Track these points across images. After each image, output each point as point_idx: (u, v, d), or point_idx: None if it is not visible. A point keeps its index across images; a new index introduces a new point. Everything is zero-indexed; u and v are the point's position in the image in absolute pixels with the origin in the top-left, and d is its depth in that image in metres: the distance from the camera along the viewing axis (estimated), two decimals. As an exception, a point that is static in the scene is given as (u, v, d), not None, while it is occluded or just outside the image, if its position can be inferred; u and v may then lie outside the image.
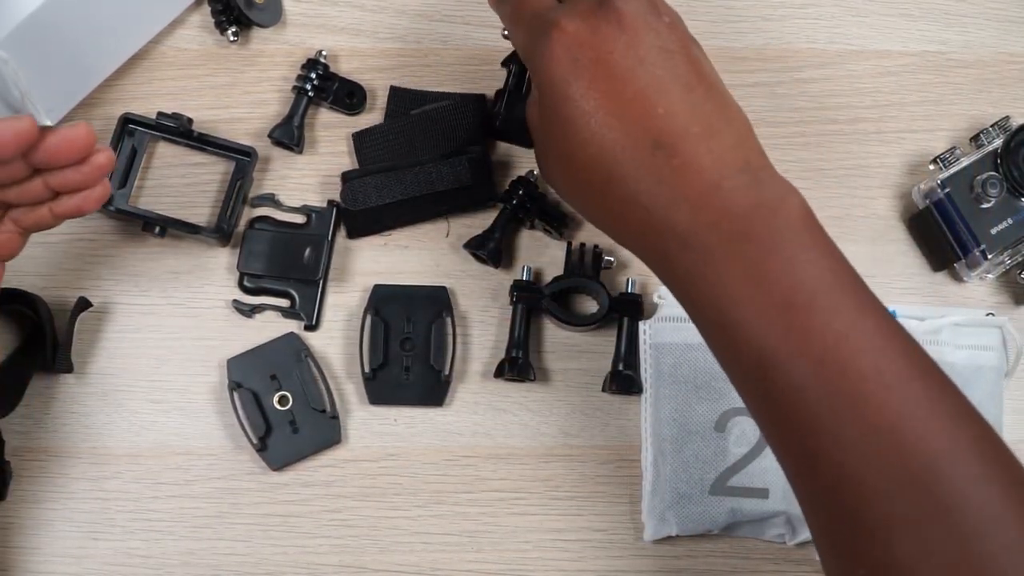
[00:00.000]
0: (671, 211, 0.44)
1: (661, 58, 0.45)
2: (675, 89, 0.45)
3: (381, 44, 0.67)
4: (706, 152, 0.44)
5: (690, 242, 0.44)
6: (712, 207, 0.44)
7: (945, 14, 0.68)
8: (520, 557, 0.61)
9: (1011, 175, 0.62)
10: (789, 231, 0.43)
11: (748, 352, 0.42)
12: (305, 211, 0.64)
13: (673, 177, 0.44)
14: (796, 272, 0.42)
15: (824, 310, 0.42)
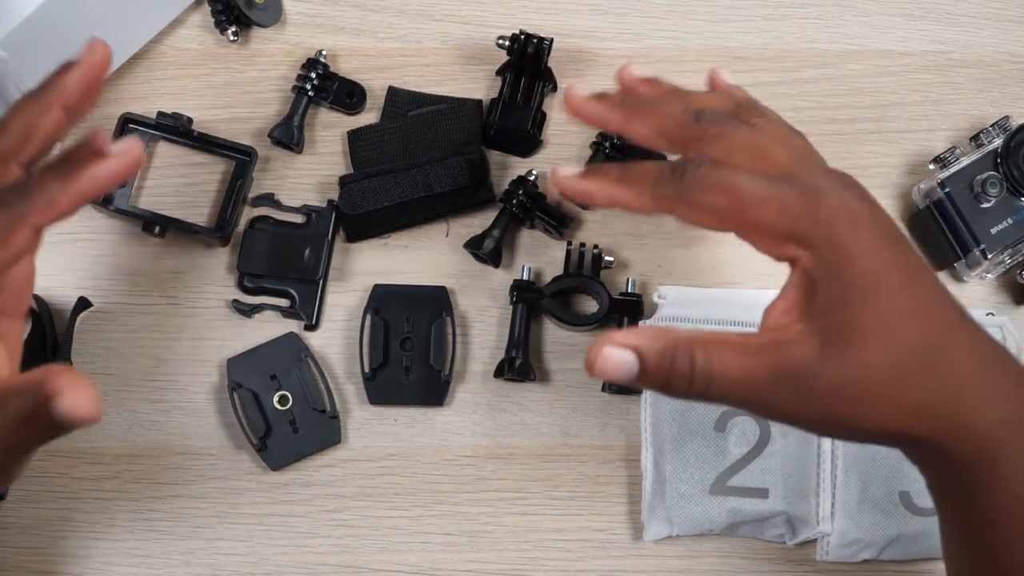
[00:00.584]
0: (996, 380, 0.42)
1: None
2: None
3: (381, 44, 0.67)
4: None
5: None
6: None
7: (945, 14, 0.68)
8: (520, 557, 0.61)
9: (1011, 175, 0.62)
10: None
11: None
12: (305, 211, 0.64)
13: (987, 346, 0.42)
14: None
15: None
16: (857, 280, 0.40)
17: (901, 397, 0.40)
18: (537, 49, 0.63)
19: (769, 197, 0.41)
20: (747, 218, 0.41)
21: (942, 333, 0.41)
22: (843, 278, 0.40)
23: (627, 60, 0.67)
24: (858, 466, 0.60)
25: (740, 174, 0.42)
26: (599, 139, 0.64)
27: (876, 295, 0.40)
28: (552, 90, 0.66)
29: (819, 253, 0.40)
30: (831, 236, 0.40)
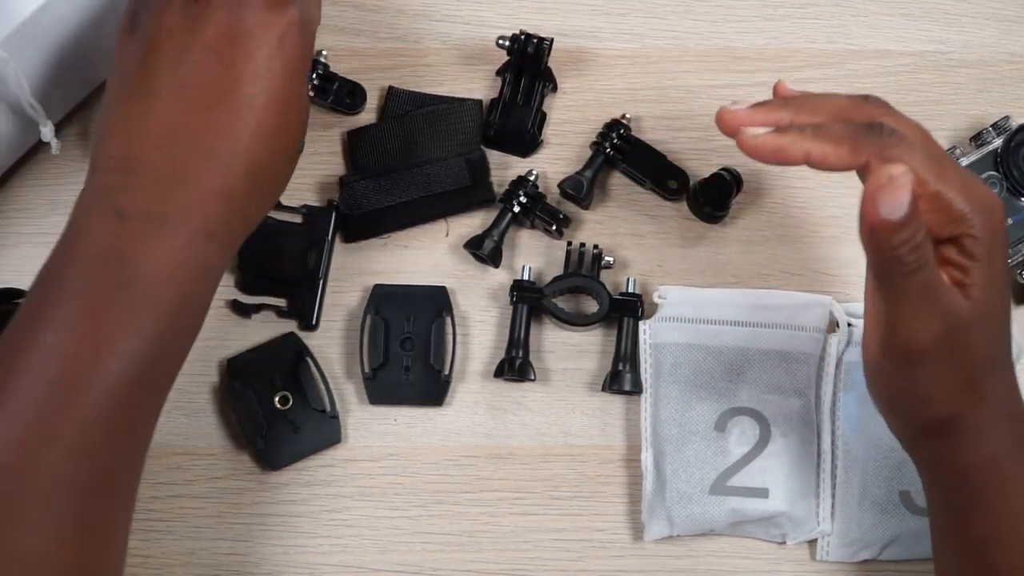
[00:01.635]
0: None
1: None
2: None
3: (381, 44, 0.67)
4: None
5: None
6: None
7: (945, 14, 0.68)
8: (520, 557, 0.61)
9: (1011, 175, 0.62)
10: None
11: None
12: (305, 211, 0.64)
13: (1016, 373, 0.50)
14: None
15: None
16: (996, 272, 0.46)
17: (962, 386, 0.46)
18: (537, 49, 0.63)
19: (956, 176, 0.46)
20: (932, 188, 0.45)
21: (1005, 353, 0.48)
22: (991, 265, 0.46)
23: (627, 60, 0.67)
24: (858, 466, 0.60)
25: (929, 147, 0.46)
26: (599, 139, 0.64)
27: (998, 293, 0.46)
28: (552, 90, 0.66)
29: (985, 237, 0.45)
30: (995, 229, 0.46)
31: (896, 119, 0.47)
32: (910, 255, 0.43)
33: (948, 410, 0.47)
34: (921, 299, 0.44)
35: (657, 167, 0.64)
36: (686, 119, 0.66)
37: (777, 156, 0.46)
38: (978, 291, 0.45)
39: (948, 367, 0.46)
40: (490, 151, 0.65)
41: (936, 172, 0.45)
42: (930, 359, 0.45)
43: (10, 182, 0.64)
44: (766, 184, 0.66)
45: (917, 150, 0.45)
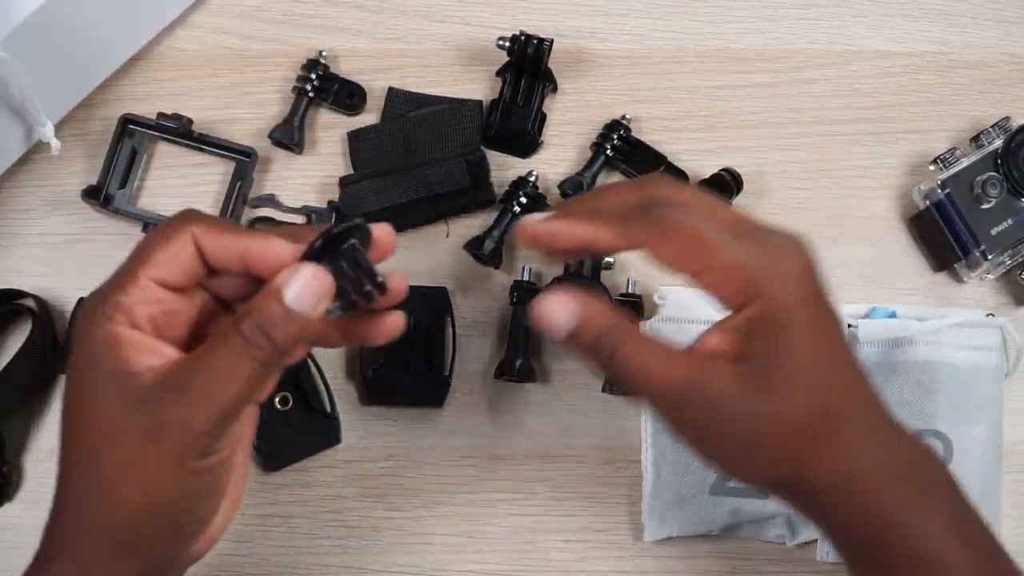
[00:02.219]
0: (892, 455, 0.45)
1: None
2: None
3: (381, 44, 0.67)
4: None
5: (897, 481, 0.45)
6: (921, 460, 0.46)
7: (945, 14, 0.68)
8: (520, 557, 0.61)
9: (1011, 175, 0.62)
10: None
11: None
12: (305, 211, 0.64)
13: (888, 424, 0.45)
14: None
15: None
16: (793, 343, 0.42)
17: (798, 453, 0.43)
18: (537, 50, 0.63)
19: (733, 248, 0.43)
20: (709, 263, 0.43)
21: (849, 412, 0.44)
22: (780, 338, 0.42)
23: (627, 60, 0.67)
24: (858, 466, 0.60)
25: (706, 221, 0.43)
26: (599, 140, 0.64)
27: (805, 361, 0.42)
28: (552, 91, 0.66)
29: (766, 310, 0.42)
30: (781, 299, 0.42)
31: (680, 194, 0.44)
32: (596, 362, 0.43)
33: (778, 476, 0.44)
34: (652, 396, 0.43)
35: (657, 167, 0.64)
36: (686, 119, 0.66)
37: (551, 241, 0.45)
38: (756, 364, 0.42)
39: (749, 437, 0.43)
40: (490, 152, 0.65)
41: (718, 244, 0.43)
42: (716, 437, 0.43)
43: (10, 182, 0.64)
44: (766, 185, 0.66)
45: (700, 220, 0.43)
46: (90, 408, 0.42)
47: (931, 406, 0.59)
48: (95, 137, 0.65)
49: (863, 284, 0.65)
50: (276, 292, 0.41)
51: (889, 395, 0.60)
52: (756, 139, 0.66)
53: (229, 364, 0.41)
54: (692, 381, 0.42)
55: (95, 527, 0.42)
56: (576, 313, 0.43)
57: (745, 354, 0.42)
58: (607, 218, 0.44)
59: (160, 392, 0.41)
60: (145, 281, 0.42)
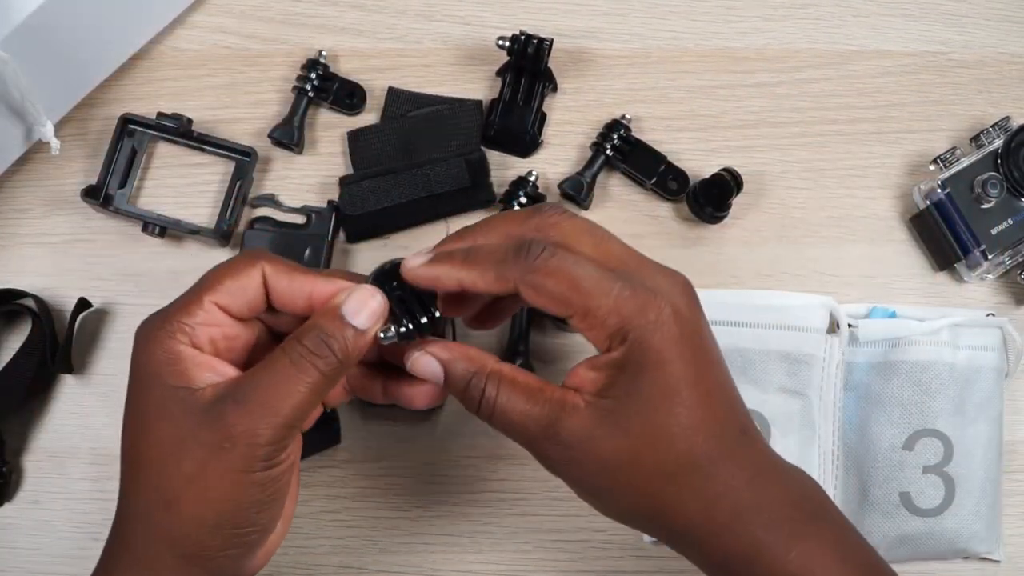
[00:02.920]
0: (761, 490, 0.45)
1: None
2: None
3: (381, 44, 0.67)
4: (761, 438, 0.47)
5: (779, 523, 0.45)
6: (793, 492, 0.46)
7: (945, 14, 0.68)
8: (521, 558, 0.61)
9: (1011, 175, 0.62)
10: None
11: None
12: (305, 211, 0.64)
13: (759, 459, 0.46)
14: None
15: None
16: (657, 386, 0.43)
17: (655, 494, 0.44)
18: (537, 50, 0.63)
19: (606, 291, 0.43)
20: (583, 308, 0.43)
21: (716, 452, 0.44)
22: (644, 380, 0.43)
23: (627, 60, 0.67)
24: (858, 467, 0.60)
25: (582, 263, 0.43)
26: (599, 140, 0.64)
27: (668, 405, 0.43)
28: (552, 91, 0.66)
29: (635, 352, 0.43)
30: (651, 342, 0.43)
31: (556, 229, 0.45)
32: (469, 405, 0.46)
33: (634, 514, 0.45)
34: (516, 435, 0.45)
35: (657, 167, 0.64)
36: (686, 119, 0.66)
37: (434, 284, 0.46)
38: (613, 402, 0.43)
39: (609, 475, 0.44)
40: (490, 151, 0.65)
41: (589, 291, 0.42)
42: (574, 476, 0.45)
43: (10, 182, 0.64)
44: (766, 184, 0.66)
45: (573, 262, 0.43)
46: (154, 423, 0.43)
47: (931, 406, 0.59)
48: (95, 137, 0.65)
49: (863, 284, 0.65)
50: (335, 307, 0.44)
51: (889, 395, 0.60)
52: (756, 139, 0.66)
53: (291, 375, 0.43)
54: (551, 419, 0.43)
55: (162, 538, 0.43)
56: (440, 364, 0.46)
57: (607, 393, 0.43)
58: (482, 262, 0.44)
59: (224, 405, 0.42)
60: (209, 305, 0.44)
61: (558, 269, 0.43)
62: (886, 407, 0.60)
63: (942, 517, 0.59)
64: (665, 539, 0.46)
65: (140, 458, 0.44)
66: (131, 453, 0.44)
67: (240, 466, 0.42)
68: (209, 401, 0.42)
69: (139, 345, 0.44)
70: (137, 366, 0.44)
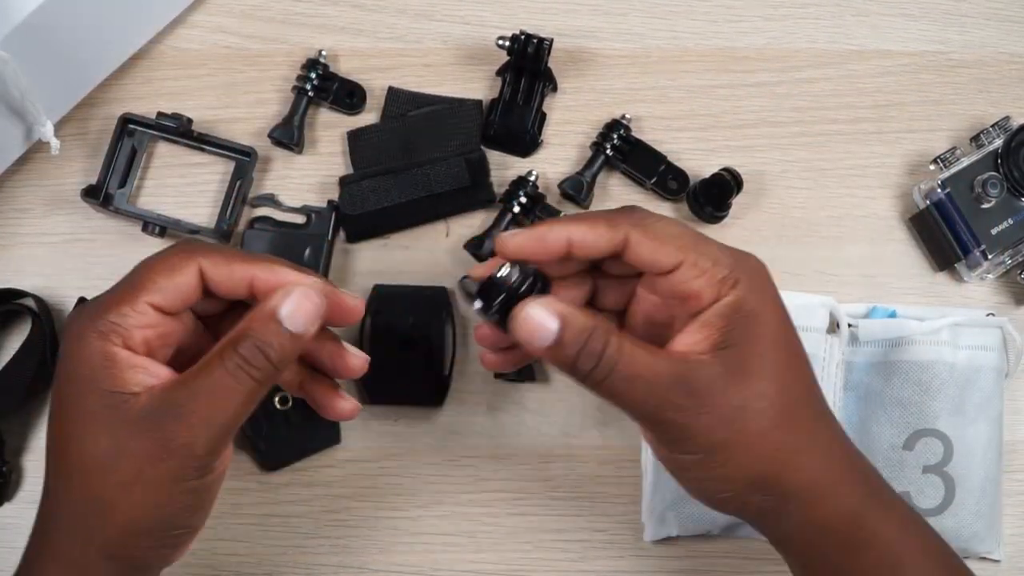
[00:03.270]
0: (855, 453, 0.47)
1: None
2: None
3: (381, 44, 0.67)
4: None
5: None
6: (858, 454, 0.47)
7: (945, 14, 0.68)
8: (521, 557, 0.61)
9: (1011, 175, 0.62)
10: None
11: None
12: (305, 211, 0.64)
13: (838, 428, 0.47)
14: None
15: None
16: (772, 328, 0.44)
17: (778, 447, 0.44)
18: (537, 49, 0.63)
19: (709, 243, 0.45)
20: (692, 254, 0.44)
21: (822, 405, 0.46)
22: (762, 323, 0.44)
23: (627, 60, 0.67)
24: (858, 466, 0.60)
25: (681, 224, 0.46)
26: (599, 140, 0.64)
27: (787, 347, 0.45)
28: (552, 90, 0.66)
29: (750, 295, 0.44)
30: (758, 290, 0.44)
31: (656, 214, 0.47)
32: (585, 363, 0.43)
33: (757, 472, 0.44)
34: (639, 390, 0.43)
35: (657, 167, 0.64)
36: (686, 119, 0.66)
37: (539, 245, 0.46)
38: (737, 350, 0.43)
39: (737, 428, 0.43)
40: (490, 151, 0.65)
41: (697, 240, 0.45)
42: (700, 439, 0.43)
43: (10, 182, 0.64)
44: (766, 184, 0.66)
45: (676, 222, 0.46)
46: (88, 428, 0.42)
47: (931, 406, 0.59)
48: (95, 137, 0.65)
49: (863, 284, 0.65)
50: (271, 312, 0.43)
51: (889, 395, 0.60)
52: (756, 139, 0.66)
53: (228, 385, 0.42)
54: (680, 371, 0.43)
55: (93, 541, 0.43)
56: (557, 316, 0.43)
57: (726, 342, 0.43)
58: (592, 216, 0.46)
59: (161, 415, 0.42)
60: (144, 306, 0.43)
61: (667, 221, 0.45)
62: (886, 407, 0.60)
63: (942, 517, 0.59)
64: (768, 504, 0.45)
65: (72, 463, 0.43)
66: (61, 456, 0.43)
67: (176, 475, 0.42)
68: (144, 409, 0.42)
69: (71, 344, 0.43)
70: (69, 366, 0.43)
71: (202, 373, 0.42)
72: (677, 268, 0.44)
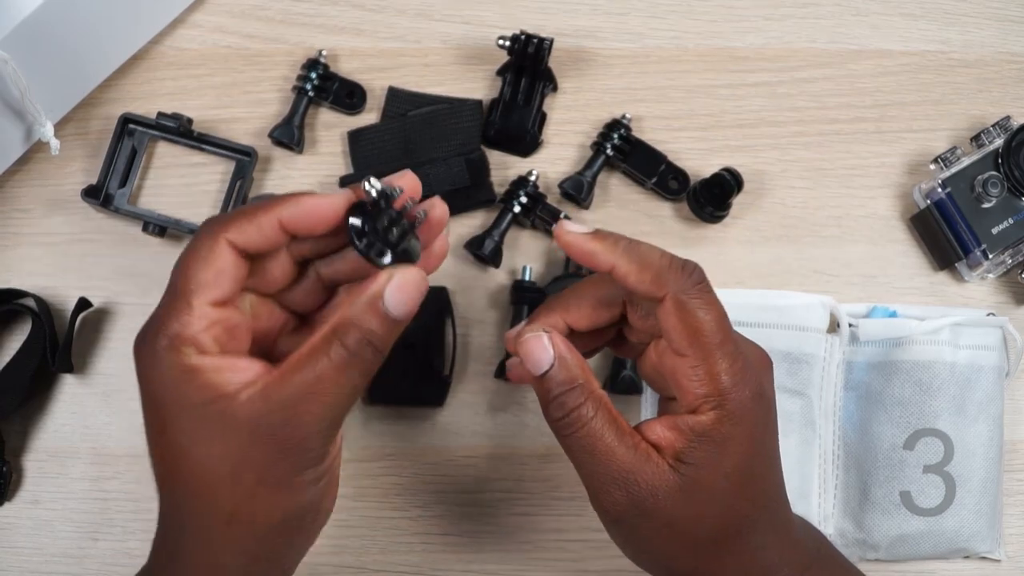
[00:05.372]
0: (785, 548, 0.46)
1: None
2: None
3: (381, 44, 0.67)
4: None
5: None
6: (806, 541, 0.48)
7: (945, 14, 0.68)
8: (521, 557, 0.61)
9: (1012, 175, 0.62)
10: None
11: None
12: (305, 211, 0.64)
13: (784, 517, 0.47)
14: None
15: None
16: (734, 460, 0.43)
17: (701, 556, 0.44)
18: (537, 49, 0.63)
19: (728, 348, 0.44)
20: (705, 354, 0.43)
21: (761, 518, 0.45)
22: (726, 455, 0.43)
23: (627, 60, 0.67)
24: (859, 466, 0.60)
25: (713, 316, 0.44)
26: (599, 139, 0.64)
27: (740, 478, 0.44)
28: (552, 90, 0.66)
29: (724, 425, 0.43)
30: (736, 416, 0.43)
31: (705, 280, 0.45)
32: (558, 412, 0.44)
33: (684, 568, 0.45)
34: (587, 461, 0.44)
35: (657, 167, 0.64)
36: (686, 119, 0.66)
37: (584, 258, 0.45)
38: (694, 469, 0.43)
39: (664, 532, 0.44)
40: (490, 151, 0.65)
41: (710, 349, 0.43)
42: (628, 524, 0.44)
43: (10, 182, 0.64)
44: (766, 184, 0.66)
45: (715, 305, 0.44)
46: (195, 447, 0.41)
47: (931, 406, 0.59)
48: (95, 137, 0.65)
49: (863, 283, 0.65)
50: (376, 299, 0.41)
51: (889, 394, 0.60)
52: (756, 138, 0.66)
53: (336, 379, 0.41)
54: (634, 466, 0.43)
55: (226, 549, 0.42)
56: (555, 355, 0.44)
57: (685, 459, 0.43)
58: (645, 258, 0.45)
59: (271, 418, 0.40)
60: (199, 307, 0.42)
61: (713, 302, 0.44)
62: (887, 406, 0.60)
63: (943, 516, 0.59)
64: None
65: (188, 484, 0.41)
66: (174, 479, 0.42)
67: (296, 472, 0.41)
68: (252, 412, 0.40)
69: (146, 368, 0.41)
70: (153, 390, 0.41)
71: (306, 367, 0.41)
72: (684, 358, 0.44)
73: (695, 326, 0.43)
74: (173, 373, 0.40)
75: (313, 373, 0.40)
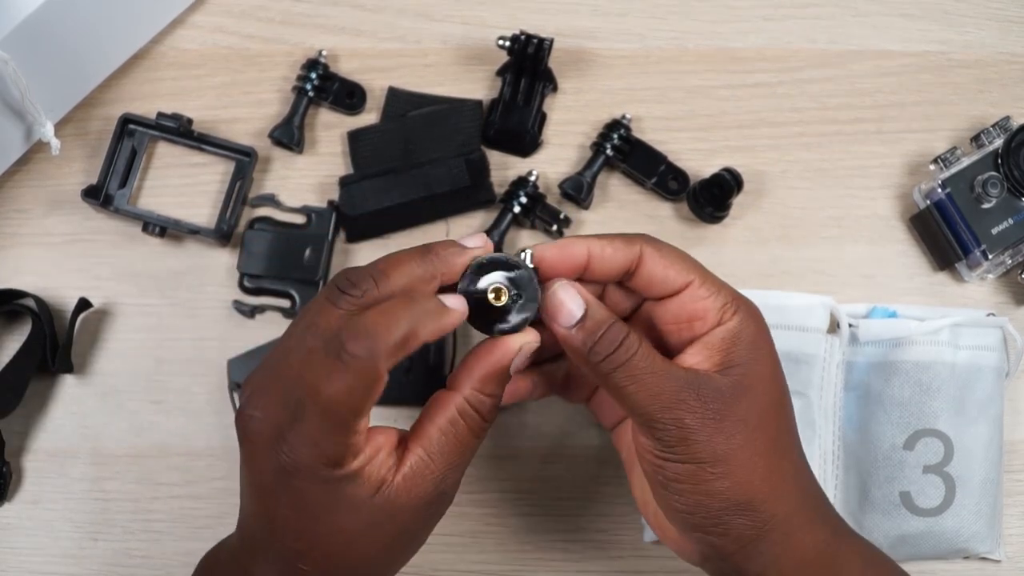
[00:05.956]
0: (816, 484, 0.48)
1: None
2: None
3: (381, 44, 0.67)
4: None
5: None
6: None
7: (945, 14, 0.68)
8: (521, 558, 0.61)
9: (1012, 175, 0.62)
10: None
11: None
12: (305, 211, 0.64)
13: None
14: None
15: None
16: (765, 359, 0.46)
17: (768, 466, 0.45)
18: (537, 49, 0.63)
19: (714, 275, 0.48)
20: (700, 275, 0.47)
21: (793, 432, 0.48)
22: (760, 349, 0.46)
23: (627, 60, 0.67)
24: (859, 466, 0.60)
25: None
26: (599, 140, 0.64)
27: (772, 379, 0.46)
28: (552, 90, 0.66)
29: (746, 325, 0.46)
30: (754, 320, 0.47)
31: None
32: (608, 347, 0.44)
33: (733, 499, 0.45)
34: (650, 383, 0.44)
35: (657, 167, 0.64)
36: (686, 119, 0.66)
37: (562, 254, 0.47)
38: (741, 370, 0.45)
39: (737, 440, 0.44)
40: (490, 151, 0.65)
41: (704, 268, 0.48)
42: (700, 442, 0.44)
43: (10, 182, 0.64)
44: (766, 185, 0.66)
45: (681, 251, 0.48)
46: (324, 515, 0.43)
47: (931, 406, 0.59)
48: (95, 137, 0.65)
49: (863, 284, 0.65)
50: (502, 372, 0.46)
51: (889, 395, 0.60)
52: (756, 139, 0.66)
53: (460, 452, 0.45)
54: (692, 377, 0.44)
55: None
56: (585, 302, 0.45)
57: (730, 362, 0.45)
58: (607, 235, 0.48)
59: (395, 497, 0.44)
60: (364, 430, 0.43)
61: (675, 247, 0.48)
62: (886, 407, 0.60)
63: (943, 517, 0.59)
64: (741, 535, 0.45)
65: (310, 546, 0.43)
66: (296, 538, 0.43)
67: (416, 525, 0.45)
68: (382, 497, 0.43)
69: (316, 496, 0.43)
70: (318, 511, 0.43)
71: (433, 442, 0.45)
72: (686, 288, 0.46)
73: (680, 255, 0.47)
74: (362, 513, 0.43)
75: (442, 448, 0.45)
